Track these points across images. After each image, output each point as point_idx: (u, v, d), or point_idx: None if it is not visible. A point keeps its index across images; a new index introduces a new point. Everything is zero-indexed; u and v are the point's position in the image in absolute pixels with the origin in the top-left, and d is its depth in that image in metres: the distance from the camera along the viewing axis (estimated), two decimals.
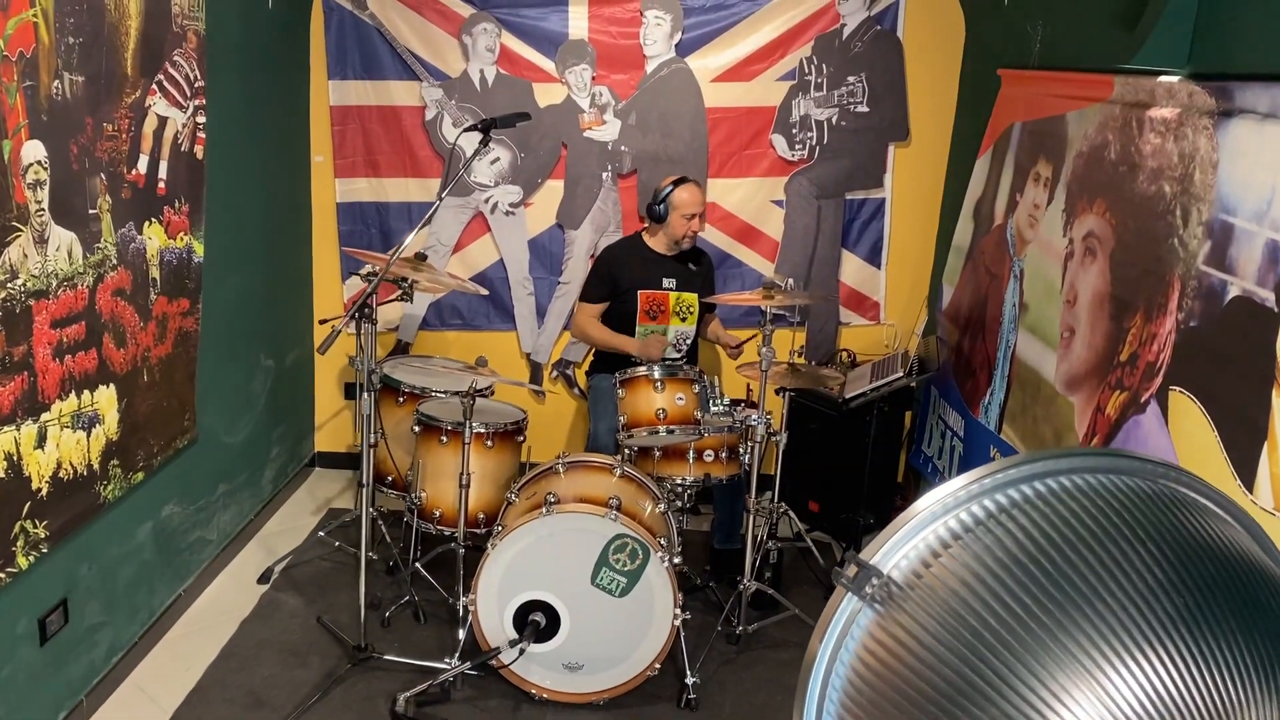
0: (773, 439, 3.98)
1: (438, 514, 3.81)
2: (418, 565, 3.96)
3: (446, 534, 3.80)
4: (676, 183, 4.17)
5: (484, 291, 4.27)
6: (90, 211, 2.98)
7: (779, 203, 4.96)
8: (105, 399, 3.13)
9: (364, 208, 4.95)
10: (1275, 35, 2.45)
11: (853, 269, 5.07)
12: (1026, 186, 3.81)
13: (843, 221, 4.99)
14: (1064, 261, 3.41)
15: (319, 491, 4.99)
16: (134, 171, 3.23)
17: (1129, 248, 2.99)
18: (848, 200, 4.98)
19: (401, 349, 5.08)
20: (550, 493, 3.41)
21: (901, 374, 4.16)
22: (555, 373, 5.15)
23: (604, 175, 4.88)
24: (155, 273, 3.42)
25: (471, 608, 3.35)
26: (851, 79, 4.81)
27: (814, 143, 4.88)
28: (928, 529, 1.07)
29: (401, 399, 4.14)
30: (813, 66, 4.80)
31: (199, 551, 3.94)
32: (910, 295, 5.09)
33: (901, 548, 1.08)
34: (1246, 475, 2.34)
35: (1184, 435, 2.61)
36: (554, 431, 5.14)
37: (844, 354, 5.08)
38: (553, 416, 5.16)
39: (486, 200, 4.92)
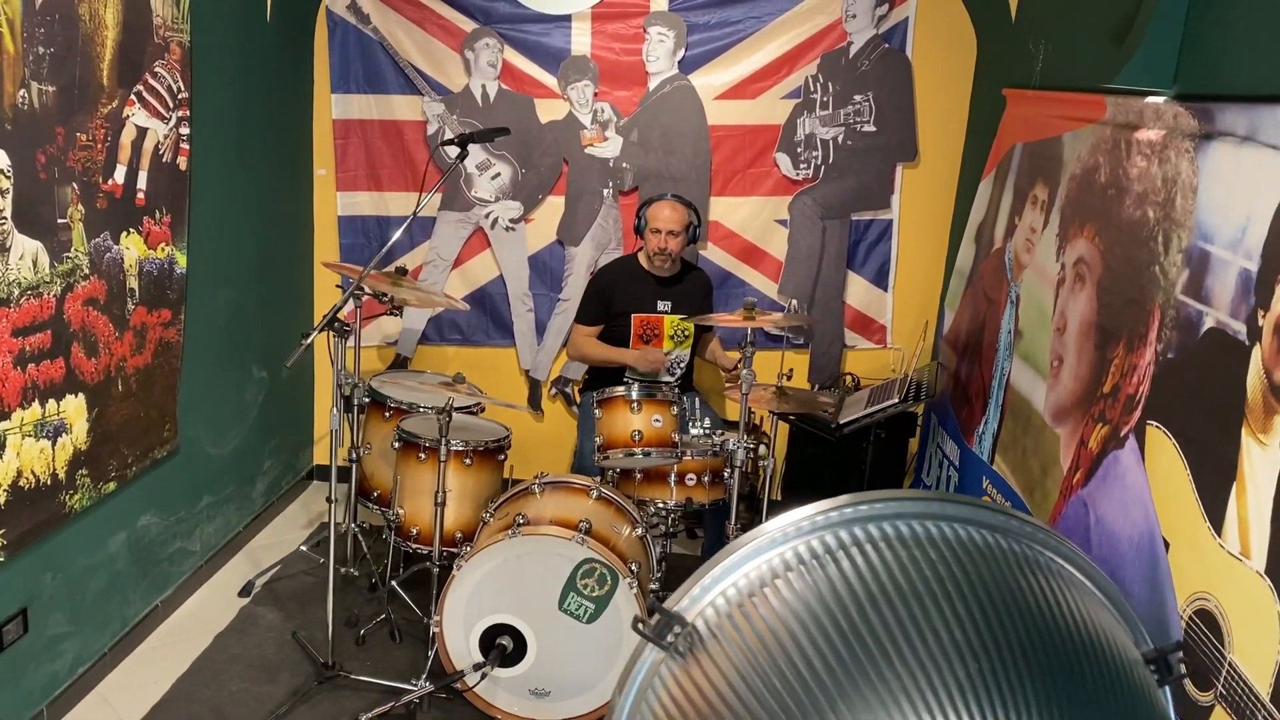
0: (761, 465, 3.90)
1: (415, 531, 3.76)
2: (394, 584, 3.92)
3: (424, 552, 3.74)
4: (656, 198, 4.13)
5: (464, 307, 4.22)
6: (59, 221, 2.98)
7: (783, 222, 4.87)
8: (73, 408, 3.13)
9: (365, 221, 4.94)
10: (1258, 55, 2.33)
11: (859, 291, 4.96)
12: (1025, 209, 3.70)
13: (848, 243, 4.89)
14: (1056, 287, 3.29)
15: (314, 505, 4.97)
16: (110, 181, 3.23)
17: (1115, 275, 2.87)
18: (854, 221, 4.87)
19: (400, 363, 5.05)
20: (520, 514, 3.35)
21: (897, 400, 4.04)
22: (554, 390, 5.09)
23: (605, 192, 4.83)
24: (134, 283, 3.42)
25: (437, 629, 3.29)
26: (858, 98, 4.72)
27: (819, 162, 4.79)
28: (739, 572, 0.99)
29: (388, 414, 4.10)
30: (818, 85, 4.72)
31: (179, 563, 3.93)
32: (918, 319, 4.96)
33: (711, 592, 1.00)
34: (1216, 517, 2.22)
35: (1159, 473, 2.48)
36: (550, 450, 5.07)
37: (848, 378, 4.97)
38: (550, 434, 5.10)
39: (487, 215, 4.88)
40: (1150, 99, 2.75)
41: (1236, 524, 2.14)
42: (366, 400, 4.12)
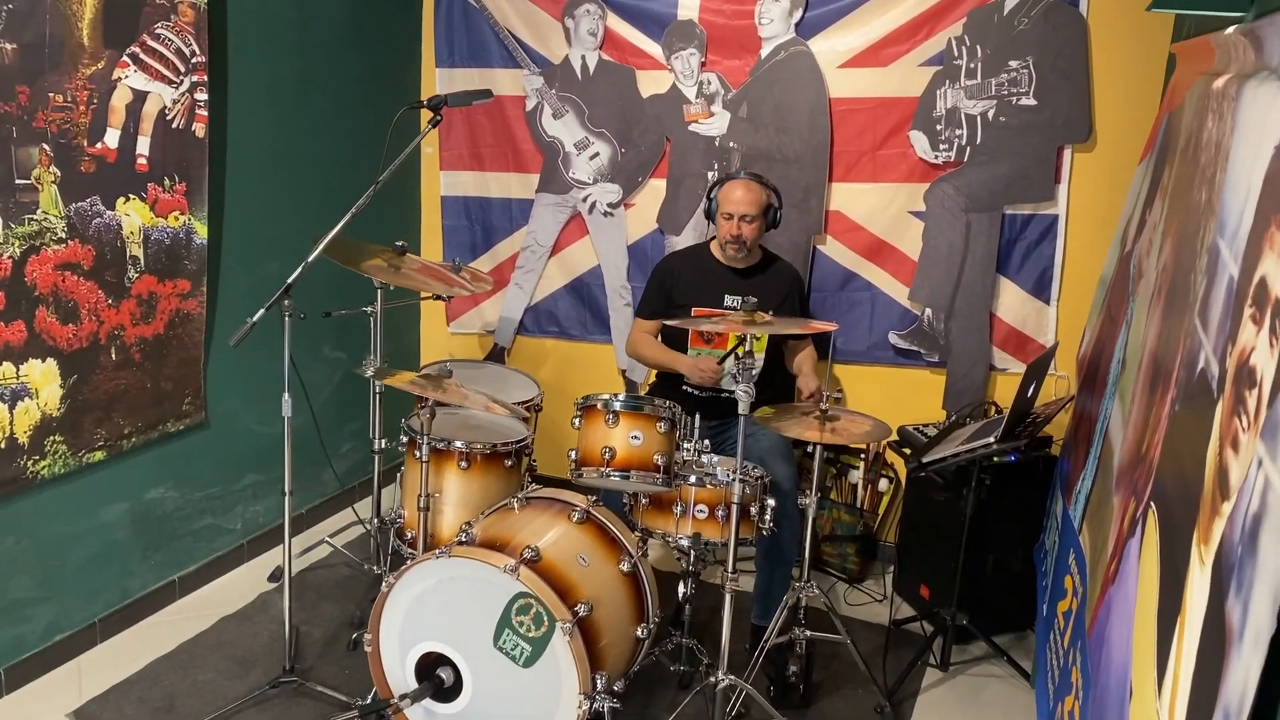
0: (801, 507, 3.23)
1: (410, 535, 3.45)
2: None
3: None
4: (729, 177, 3.55)
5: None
6: (19, 181, 2.92)
7: (918, 215, 4.08)
8: (40, 373, 3.08)
9: (468, 202, 4.69)
10: None
11: (1013, 302, 4.06)
12: (1155, 200, 2.77)
13: (999, 241, 4.01)
14: (1150, 301, 2.40)
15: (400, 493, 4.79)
16: (99, 145, 3.15)
17: (1174, 288, 2.00)
18: (1007, 216, 3.99)
19: (497, 354, 4.77)
20: (467, 528, 2.95)
21: (993, 440, 3.20)
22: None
23: (709, 175, 4.27)
24: (136, 250, 3.34)
25: (369, 648, 2.94)
26: (1014, 64, 3.84)
27: (963, 142, 3.95)
28: None
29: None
30: (964, 48, 3.89)
31: (209, 540, 3.85)
32: None
33: None
34: (1162, 660, 1.40)
35: (1145, 580, 1.65)
36: None
37: (992, 407, 4.08)
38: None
39: (585, 199, 4.48)
40: (1230, 30, 1.88)
41: (1172, 676, 1.34)
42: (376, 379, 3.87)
